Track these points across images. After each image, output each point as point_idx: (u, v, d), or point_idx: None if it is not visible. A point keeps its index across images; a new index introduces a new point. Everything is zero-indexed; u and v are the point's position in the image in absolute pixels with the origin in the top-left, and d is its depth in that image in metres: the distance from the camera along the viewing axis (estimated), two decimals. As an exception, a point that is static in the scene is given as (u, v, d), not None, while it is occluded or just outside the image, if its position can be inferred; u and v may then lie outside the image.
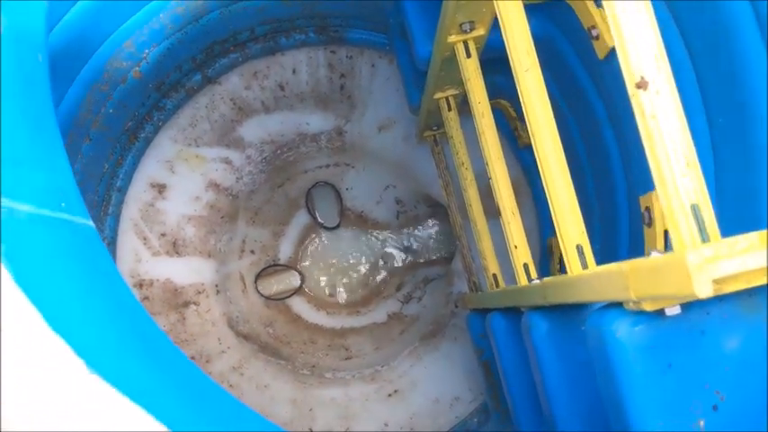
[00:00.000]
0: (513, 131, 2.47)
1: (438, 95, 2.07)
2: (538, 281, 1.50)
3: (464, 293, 2.56)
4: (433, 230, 3.24)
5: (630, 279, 0.85)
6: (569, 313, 1.29)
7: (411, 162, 2.88)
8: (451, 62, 1.81)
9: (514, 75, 1.24)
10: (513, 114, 2.41)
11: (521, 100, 1.23)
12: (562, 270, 2.36)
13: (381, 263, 3.25)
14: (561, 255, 2.19)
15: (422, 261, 3.22)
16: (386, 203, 3.21)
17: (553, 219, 1.22)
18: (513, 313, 1.73)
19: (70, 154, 2.18)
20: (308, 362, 2.94)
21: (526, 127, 2.48)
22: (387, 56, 2.64)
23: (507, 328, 1.76)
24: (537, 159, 1.22)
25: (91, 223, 0.77)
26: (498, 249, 2.70)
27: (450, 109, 2.07)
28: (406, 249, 3.23)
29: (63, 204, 0.71)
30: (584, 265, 1.18)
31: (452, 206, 2.44)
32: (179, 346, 2.61)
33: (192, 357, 2.64)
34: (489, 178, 1.65)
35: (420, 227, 3.25)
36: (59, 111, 2.04)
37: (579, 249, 1.19)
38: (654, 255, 0.88)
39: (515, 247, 1.60)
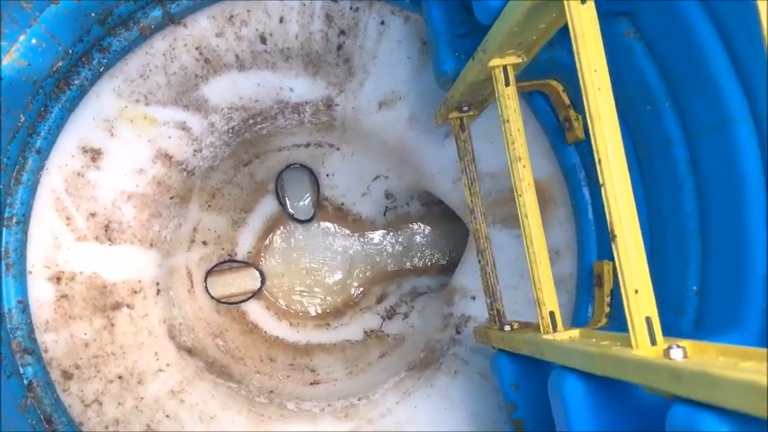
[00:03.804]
0: (561, 122, 1.95)
1: (494, 62, 1.52)
2: (678, 350, 0.98)
3: (482, 325, 2.03)
4: (425, 233, 2.70)
5: None
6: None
7: (413, 149, 2.33)
8: (540, 11, 1.27)
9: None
10: (567, 101, 1.89)
11: None
12: (613, 307, 1.86)
13: (360, 267, 2.69)
14: (614, 287, 1.66)
15: (410, 268, 2.68)
16: (373, 196, 2.66)
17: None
18: (600, 378, 1.21)
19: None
20: (266, 385, 2.36)
21: (580, 117, 1.98)
22: (402, 13, 2.07)
23: (594, 401, 1.23)
24: None
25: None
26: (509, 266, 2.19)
27: (507, 83, 1.53)
28: (392, 253, 2.68)
29: None
30: None
31: (477, 211, 1.90)
32: (104, 361, 2.00)
33: (120, 376, 2.03)
34: (602, 185, 1.11)
35: (410, 227, 2.70)
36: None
37: None
38: None
39: (636, 291, 1.08)
